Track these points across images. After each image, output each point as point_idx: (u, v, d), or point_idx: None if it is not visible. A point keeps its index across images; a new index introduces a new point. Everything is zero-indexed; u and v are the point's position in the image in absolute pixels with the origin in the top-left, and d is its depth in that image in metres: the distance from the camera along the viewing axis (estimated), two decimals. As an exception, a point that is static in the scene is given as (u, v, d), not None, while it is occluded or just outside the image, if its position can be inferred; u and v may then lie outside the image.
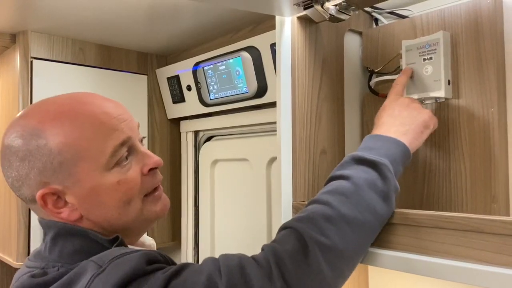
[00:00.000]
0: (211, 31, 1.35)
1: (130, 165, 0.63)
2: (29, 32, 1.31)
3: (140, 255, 0.54)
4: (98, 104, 0.63)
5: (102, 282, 0.51)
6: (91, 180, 0.60)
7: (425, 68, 0.78)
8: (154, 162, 0.65)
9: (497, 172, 0.72)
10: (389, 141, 0.68)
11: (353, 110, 0.94)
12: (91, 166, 0.60)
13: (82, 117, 0.61)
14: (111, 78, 1.47)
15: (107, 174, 0.61)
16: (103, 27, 1.31)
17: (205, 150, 1.55)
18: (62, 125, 0.60)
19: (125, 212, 0.63)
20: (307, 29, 0.83)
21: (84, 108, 0.62)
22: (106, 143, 0.60)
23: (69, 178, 0.60)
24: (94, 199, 0.61)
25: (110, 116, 0.62)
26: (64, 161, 0.59)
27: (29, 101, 1.30)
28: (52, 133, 0.59)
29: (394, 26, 0.88)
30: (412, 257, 0.61)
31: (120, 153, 0.62)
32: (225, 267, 0.55)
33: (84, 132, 0.60)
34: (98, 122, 0.61)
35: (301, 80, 0.83)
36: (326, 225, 0.58)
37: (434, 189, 0.79)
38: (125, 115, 0.65)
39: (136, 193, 0.63)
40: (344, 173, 0.65)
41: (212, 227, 1.51)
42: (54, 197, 0.61)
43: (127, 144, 0.63)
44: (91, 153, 0.60)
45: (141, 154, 0.65)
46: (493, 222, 0.53)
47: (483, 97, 0.74)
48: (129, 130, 0.64)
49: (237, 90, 1.28)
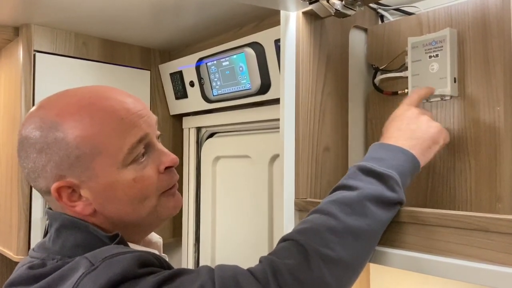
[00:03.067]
0: (214, 26, 1.34)
1: (146, 162, 0.63)
2: (32, 26, 1.31)
3: (132, 257, 0.53)
4: (118, 99, 0.63)
5: (92, 281, 0.51)
6: (107, 176, 0.60)
7: (431, 65, 0.77)
8: (170, 160, 0.65)
9: (502, 171, 0.71)
10: (399, 152, 0.65)
11: (357, 107, 0.93)
12: (108, 161, 0.59)
13: (102, 112, 0.60)
14: (113, 73, 1.47)
15: (124, 171, 0.60)
16: (107, 22, 1.31)
17: (207, 146, 1.54)
18: (82, 119, 0.59)
19: (138, 209, 0.62)
20: (312, 25, 0.82)
21: (104, 103, 0.61)
22: (125, 140, 0.60)
23: (86, 172, 0.60)
24: (109, 195, 0.60)
25: (130, 112, 0.62)
26: (82, 156, 0.59)
27: (31, 94, 1.30)
28: (71, 126, 0.59)
29: (400, 23, 0.87)
30: (417, 256, 0.60)
31: (137, 150, 0.61)
32: (219, 277, 0.54)
33: (103, 127, 0.59)
34: (118, 118, 0.60)
35: (305, 76, 0.82)
36: (330, 237, 0.57)
37: (438, 188, 0.79)
38: (144, 111, 0.64)
39: (152, 191, 0.63)
40: (350, 183, 0.63)
41: (213, 224, 1.50)
42: (69, 191, 0.61)
43: (144, 141, 0.62)
44: (109, 149, 0.59)
45: (158, 151, 0.64)
46: (499, 221, 0.53)
47: (489, 95, 0.73)
48: (147, 127, 0.63)
49: (240, 86, 1.27)
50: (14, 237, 1.29)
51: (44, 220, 1.30)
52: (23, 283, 0.57)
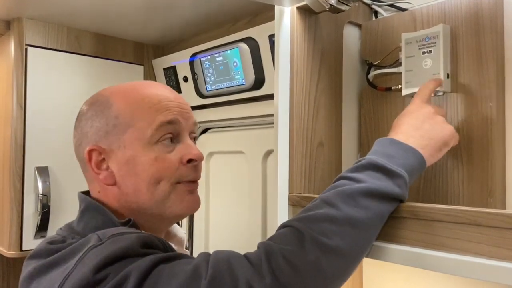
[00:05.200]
0: (208, 21, 1.33)
1: (172, 148, 0.67)
2: (24, 19, 1.29)
3: (138, 237, 0.56)
4: (163, 89, 0.70)
5: (95, 254, 0.54)
6: (133, 149, 0.65)
7: (424, 61, 0.78)
8: (195, 154, 0.68)
9: (494, 166, 0.72)
10: (409, 151, 0.64)
11: (351, 103, 0.93)
12: (137, 135, 0.65)
13: (146, 92, 0.68)
14: (106, 67, 1.46)
15: (149, 148, 0.65)
16: (100, 16, 1.29)
17: (201, 142, 1.54)
18: (128, 96, 0.68)
19: (153, 190, 0.65)
20: (306, 20, 0.82)
21: (150, 88, 0.69)
22: (156, 118, 0.65)
23: (117, 142, 0.65)
24: (130, 168, 0.65)
25: (168, 99, 0.68)
26: (118, 125, 0.66)
27: (23, 89, 1.29)
28: (117, 101, 0.67)
29: (393, 18, 0.87)
30: (411, 250, 0.60)
31: (165, 131, 0.66)
32: (214, 259, 0.55)
33: (141, 104, 0.66)
34: (156, 99, 0.67)
35: (299, 71, 0.82)
36: (329, 226, 0.56)
37: (431, 182, 0.79)
38: (185, 106, 0.70)
39: (169, 175, 0.66)
40: (358, 177, 0.61)
41: (207, 220, 1.50)
42: (100, 157, 0.66)
43: (174, 125, 0.67)
44: (140, 124, 0.65)
45: (186, 144, 0.68)
46: (491, 215, 0.53)
47: (481, 91, 0.73)
48: (180, 116, 0.68)
49: (234, 81, 1.27)
50: (6, 233, 1.28)
51: (36, 215, 1.29)
52: (41, 255, 0.61)
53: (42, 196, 1.28)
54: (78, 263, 0.55)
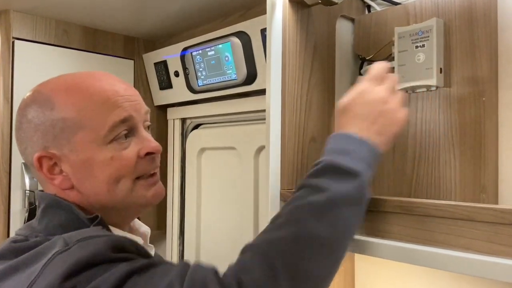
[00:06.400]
0: (200, 15, 1.32)
1: (128, 144, 0.64)
2: (11, 12, 1.27)
3: (106, 240, 0.54)
4: (110, 82, 0.65)
5: (62, 261, 0.52)
6: (87, 151, 0.62)
7: (417, 55, 0.77)
8: (152, 146, 0.65)
9: (486, 162, 0.71)
10: (364, 145, 0.60)
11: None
12: (89, 137, 0.61)
13: (91, 90, 0.63)
14: (96, 62, 1.43)
15: (103, 148, 0.62)
16: (89, 9, 1.27)
17: (192, 138, 1.52)
18: (72, 94, 0.63)
19: (114, 190, 0.63)
20: (299, 13, 0.81)
21: (95, 83, 0.64)
22: (108, 117, 0.62)
23: (68, 145, 0.62)
24: (86, 170, 0.62)
25: (118, 94, 0.64)
26: (66, 128, 0.62)
27: (10, 83, 1.26)
28: (61, 100, 0.62)
29: (387, 12, 0.86)
30: (403, 246, 0.60)
31: (119, 130, 0.63)
32: (190, 279, 0.51)
33: (89, 103, 0.62)
34: (105, 96, 0.63)
35: (292, 65, 0.81)
36: (297, 248, 0.52)
37: (424, 178, 0.79)
38: (134, 97, 0.66)
39: (128, 173, 0.63)
40: (320, 184, 0.57)
41: (198, 216, 1.49)
42: (51, 163, 0.63)
43: (127, 123, 0.64)
44: (92, 125, 0.61)
45: (141, 137, 0.65)
46: (484, 210, 0.53)
47: (474, 86, 0.73)
48: (133, 111, 0.65)
49: (226, 76, 1.25)
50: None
51: (24, 212, 1.27)
52: (5, 256, 0.59)
53: (29, 192, 1.26)
54: (44, 269, 0.52)
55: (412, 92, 0.81)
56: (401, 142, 0.83)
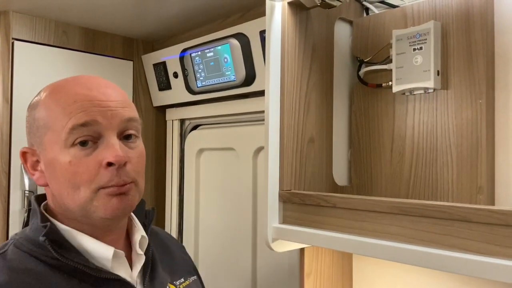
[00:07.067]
0: (199, 17, 1.32)
1: (90, 151, 0.61)
2: (10, 12, 1.27)
3: None
4: (89, 87, 0.64)
5: None
6: (51, 152, 0.63)
7: (414, 58, 0.78)
8: (113, 156, 0.60)
9: (483, 163, 0.72)
10: None
11: (341, 100, 0.93)
12: (54, 138, 0.62)
13: (64, 93, 0.64)
14: (95, 63, 1.43)
15: (64, 151, 0.62)
16: (88, 10, 1.27)
17: (191, 139, 1.53)
18: (50, 96, 0.65)
19: (73, 196, 0.62)
20: (298, 15, 0.82)
21: (73, 86, 0.65)
22: (68, 120, 0.62)
23: (41, 144, 0.64)
24: (51, 171, 0.63)
25: (86, 98, 0.62)
26: (40, 128, 0.64)
27: (9, 84, 1.26)
28: (42, 101, 0.65)
29: (384, 15, 0.87)
30: (400, 246, 0.60)
31: (78, 134, 0.61)
32: None
33: (57, 106, 0.63)
34: (71, 100, 0.63)
35: (290, 67, 0.81)
36: None
37: (421, 179, 0.79)
38: (109, 103, 0.63)
39: (86, 182, 0.60)
40: None
41: (197, 217, 1.49)
42: (34, 159, 0.66)
43: (90, 127, 0.61)
44: (56, 126, 0.62)
45: (108, 145, 0.61)
46: (480, 211, 0.53)
47: (471, 89, 0.74)
48: (100, 117, 0.61)
49: (225, 78, 1.26)
50: (-8, 230, 1.26)
51: (23, 212, 1.27)
52: None
53: (29, 192, 1.26)
54: None
55: (410, 94, 0.82)
56: (398, 144, 0.84)
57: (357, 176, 0.91)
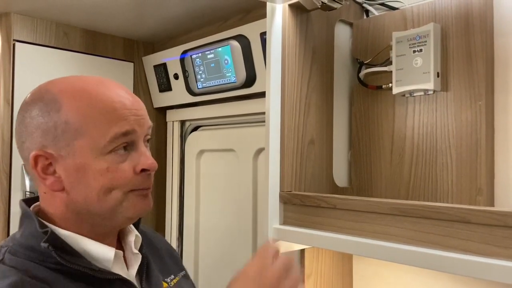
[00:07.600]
0: (200, 18, 1.32)
1: (125, 158, 0.64)
2: (11, 14, 1.27)
3: None
4: (118, 93, 0.65)
5: None
6: (84, 157, 0.62)
7: (414, 60, 0.78)
8: (148, 164, 0.65)
9: (482, 165, 0.72)
10: None
11: (341, 101, 0.93)
12: (89, 144, 0.61)
13: (99, 98, 0.63)
14: (96, 64, 1.44)
15: (101, 158, 0.62)
16: (89, 11, 1.28)
17: (191, 140, 1.53)
18: (79, 99, 0.63)
19: (104, 199, 0.62)
20: (298, 18, 0.82)
21: (104, 91, 0.64)
22: (110, 128, 0.62)
23: (66, 148, 0.62)
24: (80, 176, 0.62)
25: (124, 106, 0.64)
26: (67, 131, 0.62)
27: (10, 85, 1.27)
28: (68, 103, 0.62)
29: (384, 17, 0.87)
30: (399, 247, 0.61)
31: (119, 142, 0.62)
32: None
33: (95, 112, 0.62)
34: (111, 107, 0.63)
35: (291, 69, 0.82)
36: None
37: (420, 181, 0.80)
38: (140, 112, 0.66)
39: (121, 185, 0.63)
40: None
41: (197, 218, 1.50)
42: (46, 162, 0.63)
43: (129, 136, 0.63)
44: (93, 133, 0.61)
45: (139, 152, 0.65)
46: (480, 212, 0.54)
47: (471, 90, 0.74)
48: (137, 125, 0.64)
49: (225, 79, 1.26)
50: (-8, 231, 1.26)
51: (24, 213, 1.27)
52: None
53: (30, 193, 1.26)
54: None
55: (410, 95, 0.82)
56: (398, 145, 0.84)
57: (357, 177, 0.91)
